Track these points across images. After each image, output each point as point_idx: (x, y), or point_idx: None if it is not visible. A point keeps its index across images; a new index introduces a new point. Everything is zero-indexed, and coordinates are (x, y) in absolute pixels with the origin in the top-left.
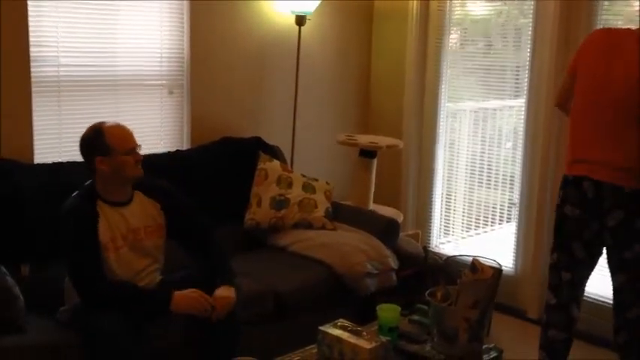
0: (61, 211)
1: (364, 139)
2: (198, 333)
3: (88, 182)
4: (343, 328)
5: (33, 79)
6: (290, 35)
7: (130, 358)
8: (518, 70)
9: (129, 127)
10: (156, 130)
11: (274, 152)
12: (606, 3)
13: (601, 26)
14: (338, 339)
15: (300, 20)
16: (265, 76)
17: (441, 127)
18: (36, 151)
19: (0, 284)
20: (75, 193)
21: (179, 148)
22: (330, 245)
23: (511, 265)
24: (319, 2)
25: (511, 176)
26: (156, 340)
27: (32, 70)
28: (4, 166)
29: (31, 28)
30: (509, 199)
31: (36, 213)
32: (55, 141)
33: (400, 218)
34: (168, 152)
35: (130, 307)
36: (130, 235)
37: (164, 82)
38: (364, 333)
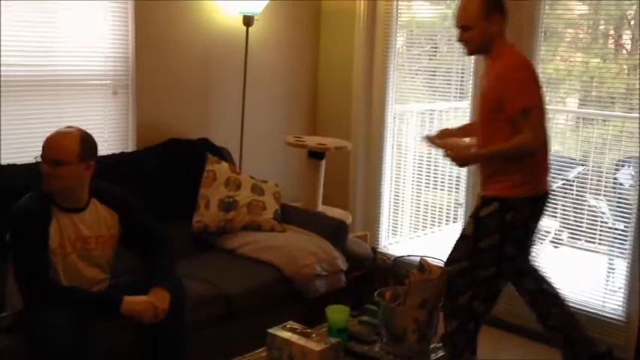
0: (12, 210)
1: (312, 141)
2: (145, 335)
3: None
4: (292, 330)
5: None
6: (237, 36)
7: (76, 355)
8: (463, 73)
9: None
10: (100, 132)
11: (222, 154)
12: (547, 5)
13: (543, 29)
14: (287, 341)
15: (248, 21)
16: (213, 77)
17: (388, 128)
18: None
19: None
20: (29, 194)
21: (124, 150)
22: (279, 247)
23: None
24: (267, 3)
25: (457, 177)
26: (102, 341)
27: None
28: None
29: None
30: (456, 200)
31: None
32: None
33: (349, 220)
34: (113, 154)
35: (79, 308)
36: (79, 244)
37: (108, 82)
38: (314, 335)
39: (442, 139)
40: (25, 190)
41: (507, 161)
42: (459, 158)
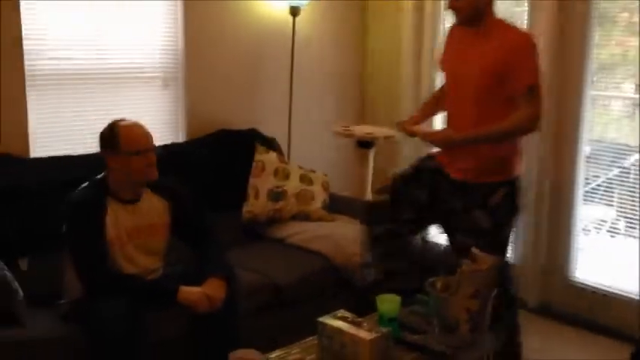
0: (69, 201)
1: (360, 130)
2: (198, 324)
3: (100, 175)
4: (343, 319)
5: (27, 74)
6: (285, 27)
7: (129, 344)
8: None
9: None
10: (151, 124)
11: (271, 144)
12: None
13: (596, 15)
14: (338, 330)
15: (295, 11)
16: (261, 68)
17: (436, 119)
18: (32, 146)
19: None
20: (85, 184)
21: (175, 141)
22: (327, 237)
23: (510, 255)
24: None
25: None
26: (156, 329)
27: (26, 64)
28: (1, 161)
29: (24, 22)
30: None
31: (33, 207)
32: (51, 135)
33: None
34: (164, 145)
35: (135, 296)
36: (134, 233)
37: (159, 74)
38: (364, 324)
39: (413, 126)
40: (81, 182)
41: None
42: (442, 139)
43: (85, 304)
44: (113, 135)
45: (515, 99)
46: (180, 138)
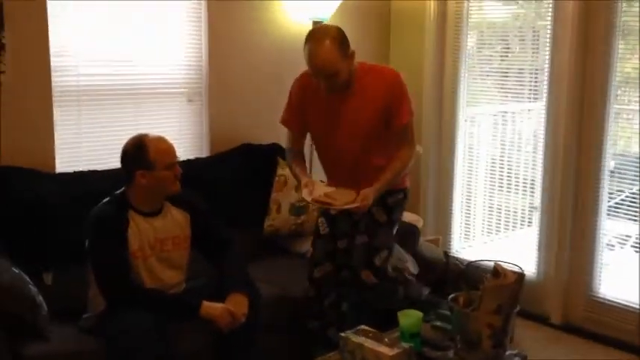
0: (90, 216)
1: None
2: (220, 339)
3: (120, 190)
4: (365, 334)
5: (54, 89)
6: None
7: (152, 353)
8: (536, 73)
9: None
10: (175, 138)
11: None
12: (625, 4)
13: (620, 28)
14: (360, 345)
15: None
16: (284, 83)
17: (459, 131)
18: (57, 161)
19: (23, 292)
20: (106, 200)
21: (198, 156)
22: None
23: (533, 270)
24: (336, 7)
25: (532, 180)
26: (178, 343)
27: (53, 80)
28: (26, 176)
29: (51, 39)
30: (530, 203)
31: (58, 221)
32: (76, 150)
33: (420, 223)
34: (188, 160)
35: (159, 310)
36: (158, 246)
37: (183, 90)
38: (386, 339)
39: (319, 195)
40: (106, 196)
41: None
42: (368, 201)
43: (109, 317)
44: (142, 151)
45: (394, 135)
46: (204, 153)
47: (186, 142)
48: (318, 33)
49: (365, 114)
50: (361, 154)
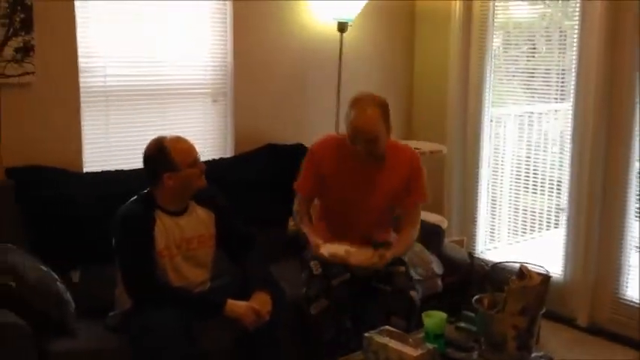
0: (117, 215)
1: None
2: (244, 337)
3: (146, 190)
4: (389, 334)
5: (82, 90)
6: (332, 42)
7: (176, 352)
8: (563, 73)
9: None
10: (200, 139)
11: None
12: None
13: None
14: (384, 346)
15: (342, 27)
16: (308, 83)
17: (485, 131)
18: (85, 160)
19: (51, 289)
20: (133, 199)
21: (223, 156)
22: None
23: (560, 272)
24: (361, 8)
25: (558, 181)
26: (203, 341)
27: (81, 80)
28: (54, 175)
29: (79, 40)
30: (557, 205)
31: (85, 220)
32: (103, 150)
33: (444, 224)
34: (213, 160)
35: (184, 308)
36: (184, 245)
37: (208, 90)
38: (410, 340)
39: (335, 252)
40: (132, 195)
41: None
42: (385, 260)
43: (135, 316)
44: (164, 154)
45: (406, 208)
46: (228, 153)
47: (210, 142)
48: (366, 99)
49: (391, 186)
50: (374, 225)
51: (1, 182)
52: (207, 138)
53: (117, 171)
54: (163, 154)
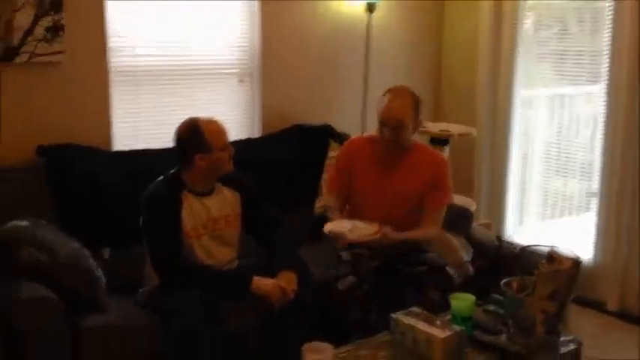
0: (144, 195)
1: (435, 127)
2: (271, 316)
3: (173, 170)
4: (416, 316)
5: (111, 70)
6: (360, 23)
7: (204, 334)
8: (595, 55)
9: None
10: (227, 119)
11: (344, 140)
12: None
13: None
14: (411, 327)
15: (371, 7)
16: (336, 63)
17: (515, 114)
18: (114, 139)
19: (83, 266)
20: (160, 179)
21: (250, 137)
22: None
23: (590, 256)
24: None
25: (589, 164)
26: (230, 320)
27: (110, 60)
28: (84, 154)
29: (108, 19)
30: (588, 189)
31: (116, 198)
32: (132, 129)
33: (473, 207)
34: (240, 140)
35: (210, 286)
36: (210, 225)
37: (235, 70)
38: (437, 322)
39: (333, 229)
40: (160, 174)
41: None
42: (386, 239)
43: (163, 294)
44: (198, 134)
45: (426, 208)
46: (256, 133)
47: (238, 122)
48: (400, 89)
49: (414, 186)
50: (399, 227)
51: (33, 160)
52: (235, 118)
53: (145, 150)
54: (197, 135)
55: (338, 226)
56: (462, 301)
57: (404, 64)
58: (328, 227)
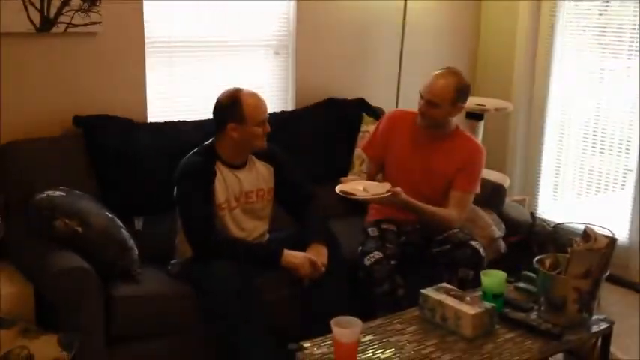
0: (179, 167)
1: (470, 102)
2: (302, 288)
3: (208, 142)
4: (446, 291)
5: (146, 41)
6: None
7: (239, 302)
8: (636, 29)
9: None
10: (262, 91)
11: (378, 114)
12: None
13: None
14: (441, 303)
15: None
16: (371, 37)
17: (552, 89)
18: (149, 111)
19: (116, 236)
20: (195, 151)
21: (284, 109)
22: None
23: (625, 235)
24: None
25: (627, 141)
26: (263, 292)
27: (146, 32)
28: (120, 125)
29: None
30: (625, 166)
31: (149, 169)
32: (167, 100)
33: (506, 183)
34: (274, 113)
35: (242, 258)
36: (242, 198)
37: (271, 43)
38: (467, 298)
39: (343, 188)
40: (194, 147)
41: None
42: (395, 198)
43: (197, 266)
44: (236, 104)
45: (451, 190)
46: (290, 106)
47: (272, 94)
48: (452, 71)
49: (445, 169)
50: (430, 194)
51: (70, 130)
52: (269, 90)
53: (179, 122)
54: (235, 105)
55: (349, 186)
56: (493, 278)
57: (440, 38)
58: (339, 187)
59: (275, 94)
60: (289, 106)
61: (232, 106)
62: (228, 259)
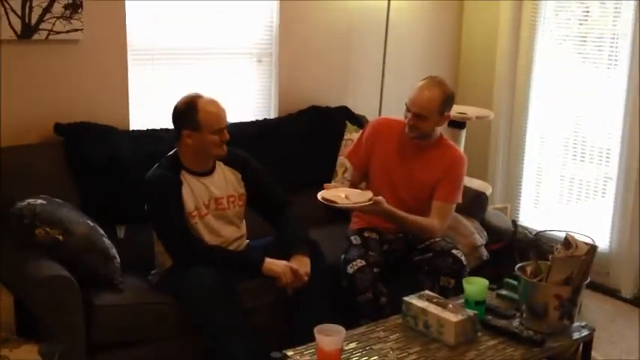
0: (146, 182)
1: (453, 110)
2: (285, 298)
3: (171, 152)
4: (429, 299)
5: (129, 48)
6: (379, 4)
7: (221, 309)
8: (617, 39)
9: (220, 98)
10: (244, 99)
11: (361, 123)
12: None
13: None
14: (423, 310)
15: None
16: (354, 45)
17: (533, 98)
18: (131, 118)
19: (98, 245)
20: (158, 164)
21: (267, 117)
22: None
23: (606, 242)
24: None
25: (607, 150)
26: (245, 299)
27: (128, 39)
28: (101, 132)
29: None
30: (605, 174)
31: (131, 177)
32: (149, 108)
33: (488, 191)
34: (256, 121)
35: (222, 266)
36: (212, 204)
37: (253, 50)
38: (450, 305)
39: (324, 195)
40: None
41: None
42: (377, 207)
43: (175, 274)
44: (192, 111)
45: (433, 200)
46: (272, 114)
47: (255, 102)
48: (437, 81)
49: (427, 178)
50: (411, 202)
51: (50, 138)
52: (252, 98)
53: (162, 129)
54: (190, 111)
55: (331, 193)
56: (475, 285)
57: (422, 46)
58: (321, 194)
59: (258, 102)
60: (272, 114)
61: (187, 112)
62: (208, 267)
